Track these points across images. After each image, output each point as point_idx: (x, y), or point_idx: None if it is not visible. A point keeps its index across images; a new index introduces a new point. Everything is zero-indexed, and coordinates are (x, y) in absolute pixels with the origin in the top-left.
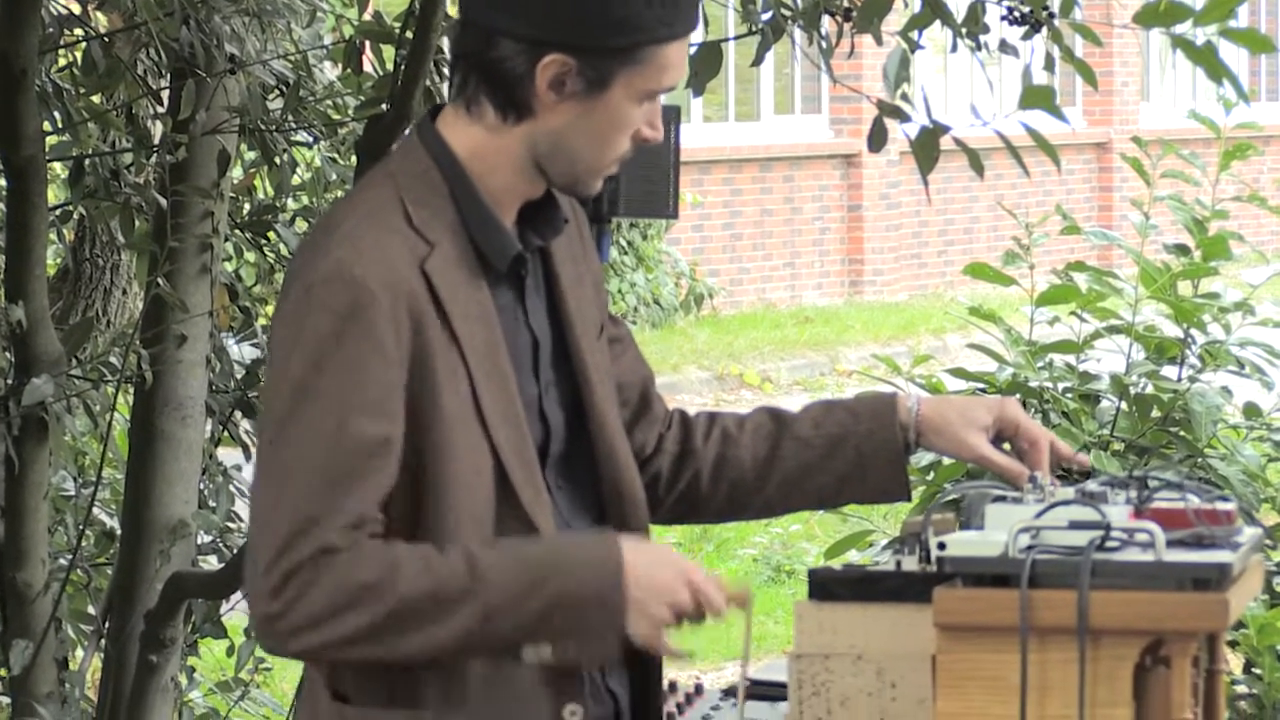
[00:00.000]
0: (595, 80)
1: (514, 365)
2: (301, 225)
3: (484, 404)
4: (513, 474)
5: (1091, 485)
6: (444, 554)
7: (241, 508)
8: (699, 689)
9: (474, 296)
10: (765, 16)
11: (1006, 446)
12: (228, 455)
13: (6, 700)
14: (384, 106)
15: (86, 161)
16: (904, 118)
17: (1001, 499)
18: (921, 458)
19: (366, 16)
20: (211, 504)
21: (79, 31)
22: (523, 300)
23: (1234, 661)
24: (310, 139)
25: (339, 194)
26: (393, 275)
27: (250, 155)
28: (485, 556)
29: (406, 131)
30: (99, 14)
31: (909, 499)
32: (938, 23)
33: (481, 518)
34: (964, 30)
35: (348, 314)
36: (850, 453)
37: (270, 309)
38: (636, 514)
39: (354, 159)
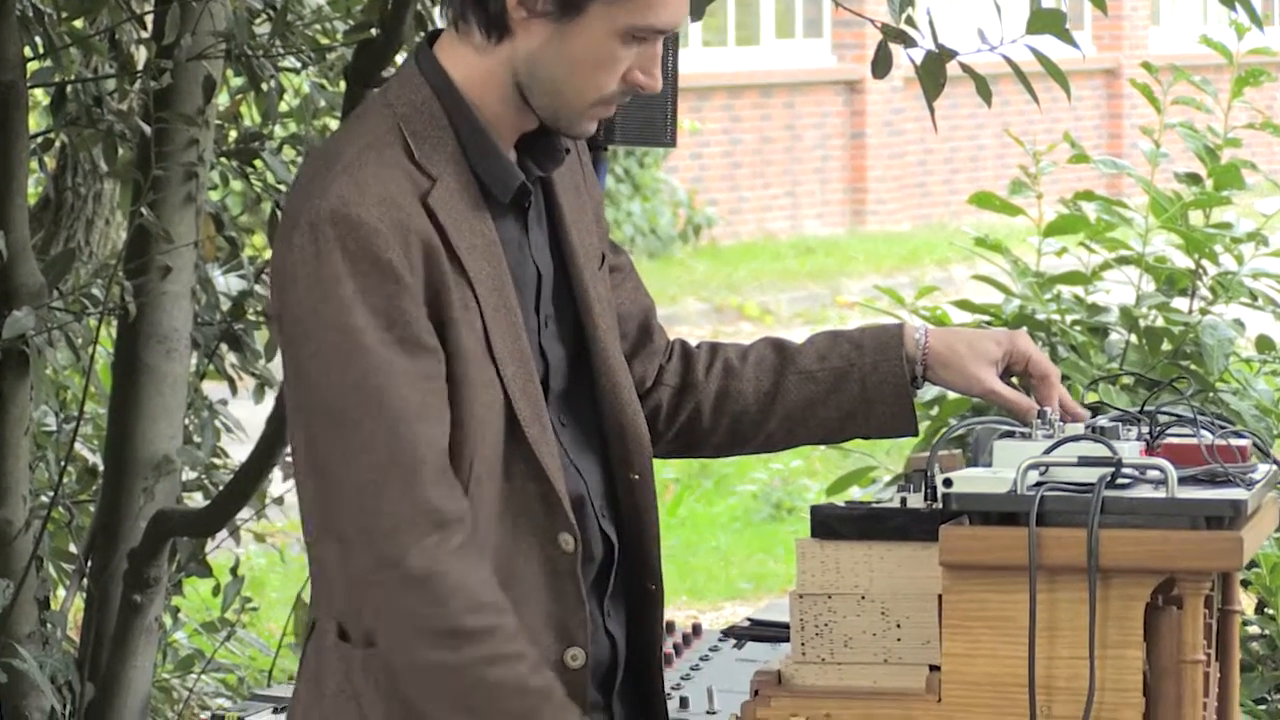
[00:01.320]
0: (566, 2)
1: (519, 299)
2: (289, 153)
3: (494, 339)
4: (520, 411)
5: (1102, 420)
6: (533, 658)
7: (227, 443)
8: (697, 629)
9: (478, 229)
10: None
11: (1015, 381)
12: (213, 389)
13: None
14: (374, 31)
15: (69, 88)
16: (909, 43)
17: (1009, 435)
18: (927, 391)
19: None
20: (196, 439)
21: None
22: (525, 232)
23: (1246, 601)
24: (298, 64)
25: (328, 121)
26: (396, 212)
27: (236, 81)
28: (560, 699)
29: (402, 58)
30: None
31: (915, 434)
32: None
33: (493, 456)
34: None
35: (360, 253)
36: (855, 386)
37: (257, 239)
38: (639, 451)
39: (343, 85)
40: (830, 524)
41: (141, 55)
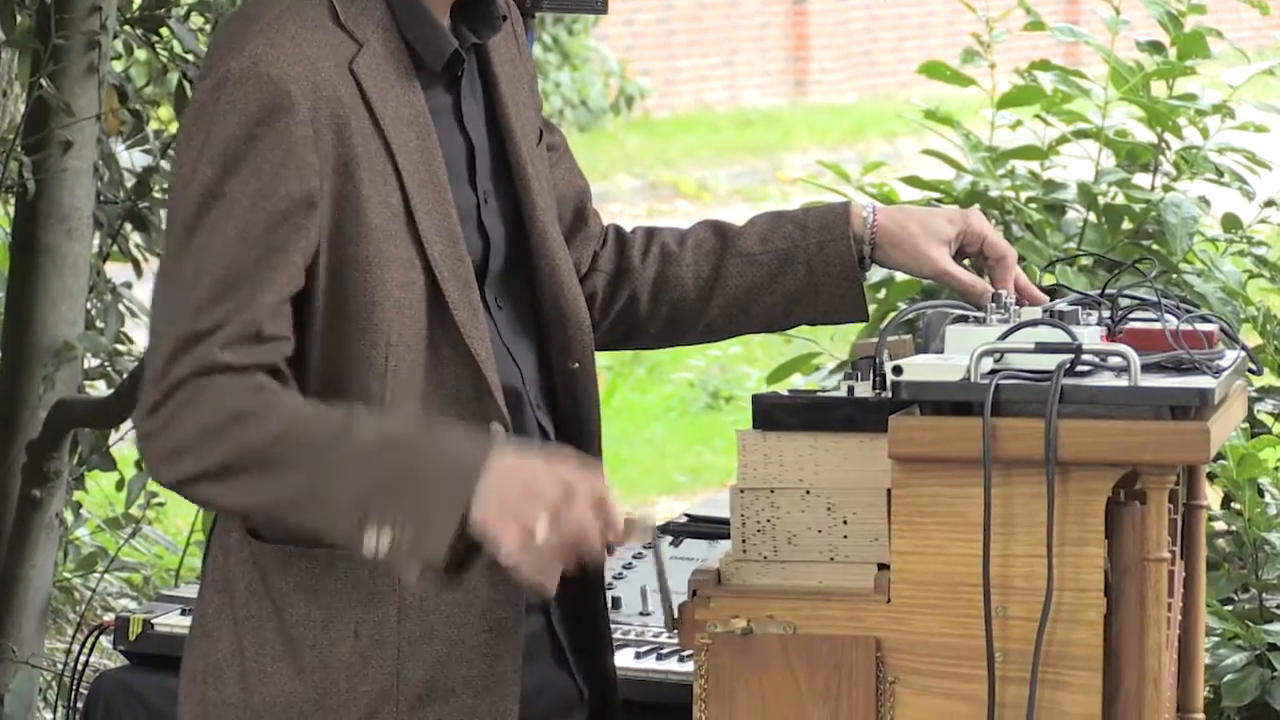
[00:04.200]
0: None
1: (449, 174)
2: (197, 20)
3: (418, 216)
4: (448, 292)
5: (1060, 304)
6: (331, 408)
7: (132, 328)
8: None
9: (406, 99)
10: None
11: (968, 263)
12: (117, 271)
13: None
14: None
15: None
16: None
17: (963, 319)
18: (874, 274)
19: None
20: (99, 324)
21: None
22: (458, 103)
23: (1213, 496)
24: None
25: None
26: (314, 76)
27: None
28: (360, 420)
29: None
30: None
31: (865, 318)
32: None
33: (412, 340)
34: None
35: (261, 117)
36: (800, 269)
37: (163, 111)
38: (579, 337)
39: None
40: (773, 414)
41: None
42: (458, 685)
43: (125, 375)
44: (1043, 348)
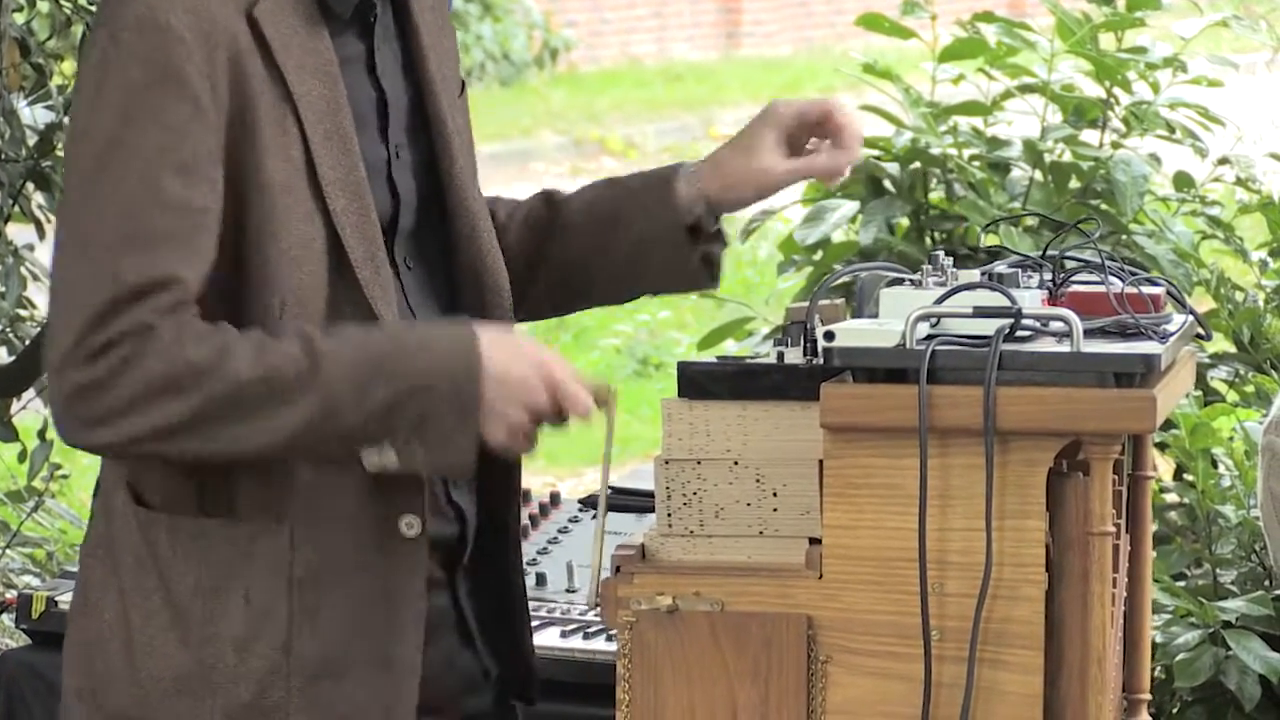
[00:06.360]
0: None
1: (357, 126)
2: None
3: (320, 168)
4: (350, 249)
5: (1000, 266)
6: (279, 339)
7: (34, 292)
8: (555, 498)
9: (312, 46)
10: None
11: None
12: (18, 233)
13: None
14: None
15: None
16: None
17: (898, 282)
18: (808, 235)
19: None
20: (0, 288)
21: None
22: (371, 52)
23: (1164, 467)
24: None
25: None
26: (209, 24)
27: None
28: (325, 343)
29: None
30: None
31: (711, 286)
32: None
33: (310, 299)
34: None
35: (159, 64)
36: (630, 236)
37: (66, 66)
38: (498, 302)
39: None
40: (699, 382)
41: None
42: (354, 662)
43: (28, 341)
44: (981, 312)
